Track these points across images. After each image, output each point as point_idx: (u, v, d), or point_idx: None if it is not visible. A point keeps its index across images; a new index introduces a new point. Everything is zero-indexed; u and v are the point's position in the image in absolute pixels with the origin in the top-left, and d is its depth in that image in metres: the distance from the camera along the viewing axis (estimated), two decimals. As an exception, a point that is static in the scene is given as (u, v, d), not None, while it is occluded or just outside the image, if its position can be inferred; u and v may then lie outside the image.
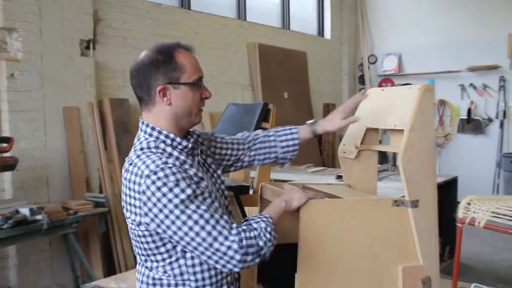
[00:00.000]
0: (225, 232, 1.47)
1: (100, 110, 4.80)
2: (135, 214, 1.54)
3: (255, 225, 1.55)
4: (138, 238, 1.59)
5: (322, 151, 7.82)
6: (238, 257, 1.47)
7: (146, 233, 1.55)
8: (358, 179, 2.19)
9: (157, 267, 1.62)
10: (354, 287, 1.75)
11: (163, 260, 1.59)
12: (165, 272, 1.60)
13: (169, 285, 1.61)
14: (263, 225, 1.55)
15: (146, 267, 1.65)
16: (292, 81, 7.46)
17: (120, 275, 2.79)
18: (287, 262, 1.83)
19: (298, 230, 1.70)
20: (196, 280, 1.60)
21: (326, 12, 8.69)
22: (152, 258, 1.61)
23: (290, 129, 1.98)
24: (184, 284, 1.60)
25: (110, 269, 4.58)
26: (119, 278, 2.59)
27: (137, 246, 1.63)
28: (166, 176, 1.47)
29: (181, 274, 1.59)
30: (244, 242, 1.48)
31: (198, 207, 1.47)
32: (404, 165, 1.78)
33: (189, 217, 1.46)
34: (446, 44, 8.03)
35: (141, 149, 1.60)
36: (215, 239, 1.46)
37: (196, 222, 1.46)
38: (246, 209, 2.65)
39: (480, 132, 7.86)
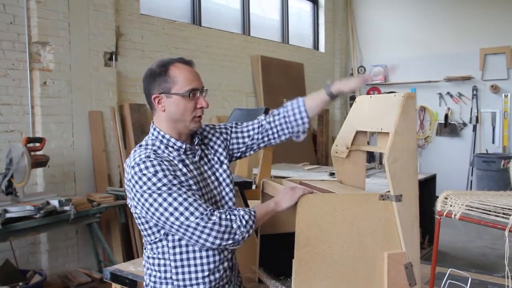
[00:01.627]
0: (197, 213, 1.50)
1: (120, 114, 4.81)
2: (129, 198, 1.62)
3: (235, 212, 1.59)
4: (136, 220, 1.66)
5: (317, 151, 7.81)
6: (207, 231, 1.51)
7: (136, 215, 1.63)
8: (348, 176, 2.18)
9: (146, 245, 1.69)
10: (345, 272, 1.74)
11: (151, 240, 1.65)
12: (151, 249, 1.67)
13: (153, 264, 1.67)
14: (242, 212, 1.59)
15: (144, 245, 1.72)
16: (290, 89, 7.44)
17: (138, 260, 2.78)
18: (285, 249, 1.82)
19: (295, 221, 1.69)
20: (175, 260, 1.63)
21: (321, 28, 8.67)
22: (144, 238, 1.67)
23: (298, 102, 1.85)
24: (165, 265, 1.64)
25: (129, 255, 4.57)
26: (136, 263, 2.58)
27: None
28: (147, 167, 1.53)
29: (163, 253, 1.64)
30: (216, 221, 1.51)
31: (173, 192, 1.52)
32: (389, 164, 1.77)
33: (165, 199, 1.51)
34: (426, 57, 8.01)
35: (140, 145, 1.68)
36: (187, 218, 1.50)
37: (170, 204, 1.51)
38: (249, 202, 2.65)
39: (455, 135, 7.84)
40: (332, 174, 4.62)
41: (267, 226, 2.16)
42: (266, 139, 1.88)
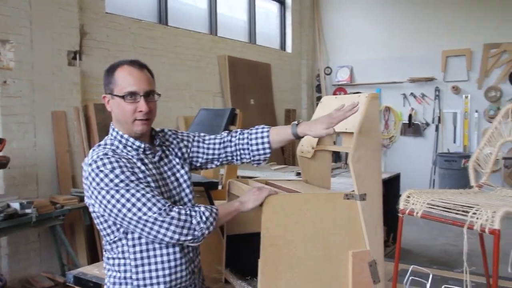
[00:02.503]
0: (155, 208, 1.50)
1: (85, 114, 4.71)
2: (86, 197, 1.61)
3: (196, 209, 1.58)
4: (94, 220, 1.64)
5: (284, 151, 7.85)
6: (165, 225, 1.50)
7: (94, 215, 1.61)
8: (314, 175, 2.20)
9: (106, 245, 1.67)
10: (310, 271, 1.75)
11: (110, 239, 1.63)
12: (111, 249, 1.65)
13: (113, 264, 1.65)
14: (202, 209, 1.59)
15: (103, 246, 1.70)
16: (258, 89, 7.46)
17: (102, 263, 2.73)
18: (251, 249, 1.82)
19: (261, 221, 1.69)
20: (135, 259, 1.61)
21: (288, 29, 8.72)
22: (104, 238, 1.65)
23: (262, 132, 1.84)
24: (125, 264, 1.62)
25: (94, 257, 4.48)
26: (101, 266, 2.53)
27: None
28: (104, 164, 1.53)
29: (123, 252, 1.62)
30: (174, 216, 1.51)
31: (131, 188, 1.51)
32: (354, 163, 1.79)
33: (122, 196, 1.50)
34: (391, 59, 8.16)
35: (99, 144, 1.68)
36: (144, 213, 1.49)
37: (128, 200, 1.50)
38: (216, 202, 2.63)
39: (419, 135, 8.02)
40: (298, 174, 4.64)
41: (233, 226, 2.16)
42: (229, 157, 1.90)
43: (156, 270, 1.61)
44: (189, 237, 1.53)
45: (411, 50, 7.96)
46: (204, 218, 1.56)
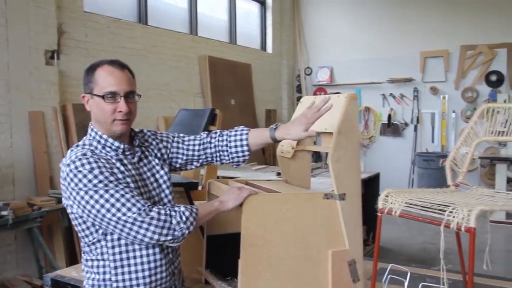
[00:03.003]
0: (134, 209, 1.49)
1: (63, 114, 4.64)
2: (64, 198, 1.59)
3: (176, 209, 1.57)
4: (72, 222, 1.62)
5: (264, 151, 7.86)
6: (145, 226, 1.49)
7: (72, 216, 1.59)
8: (294, 175, 2.21)
9: (84, 247, 1.64)
10: (290, 270, 1.75)
11: (89, 241, 1.61)
12: (90, 251, 1.63)
13: (92, 266, 1.63)
14: (182, 209, 1.58)
15: (82, 248, 1.68)
16: (238, 90, 7.46)
17: (81, 265, 2.70)
18: (231, 249, 1.82)
19: (241, 221, 1.69)
20: (115, 261, 1.59)
21: (268, 29, 8.74)
22: (83, 240, 1.63)
23: (242, 134, 1.85)
24: (104, 266, 1.61)
25: (72, 260, 4.42)
26: (79, 268, 2.49)
27: None
28: (82, 165, 1.51)
29: (102, 254, 1.60)
30: (154, 216, 1.49)
31: (110, 189, 1.49)
32: (333, 163, 1.80)
33: (101, 196, 1.48)
34: (370, 60, 8.25)
35: (77, 145, 1.66)
36: (124, 214, 1.48)
37: (107, 201, 1.48)
38: (196, 203, 2.62)
39: (398, 135, 8.12)
40: (279, 174, 4.64)
41: (213, 226, 2.15)
42: (208, 159, 1.90)
43: (136, 271, 1.60)
44: (169, 237, 1.52)
45: (390, 51, 8.06)
46: (184, 218, 1.55)
